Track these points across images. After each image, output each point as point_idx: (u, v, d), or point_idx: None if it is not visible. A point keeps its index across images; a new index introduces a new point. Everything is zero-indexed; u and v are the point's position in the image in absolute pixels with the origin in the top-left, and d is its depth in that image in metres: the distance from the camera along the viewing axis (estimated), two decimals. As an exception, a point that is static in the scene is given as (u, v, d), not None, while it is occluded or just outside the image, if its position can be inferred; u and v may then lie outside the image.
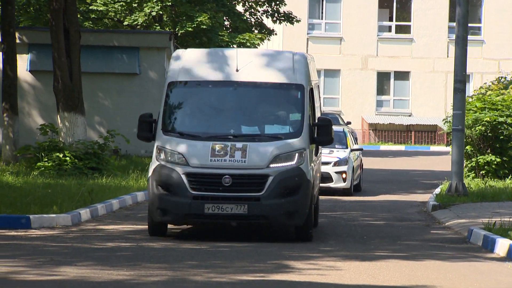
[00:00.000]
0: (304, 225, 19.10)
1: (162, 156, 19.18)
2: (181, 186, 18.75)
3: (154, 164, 19.39)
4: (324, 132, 19.89)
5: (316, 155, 22.50)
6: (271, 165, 18.78)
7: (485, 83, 44.43)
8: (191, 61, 20.62)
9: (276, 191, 18.62)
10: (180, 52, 21.38)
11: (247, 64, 20.22)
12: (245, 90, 20.54)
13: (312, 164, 20.36)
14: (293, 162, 18.99)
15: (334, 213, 29.39)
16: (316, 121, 20.63)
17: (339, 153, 32.55)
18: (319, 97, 27.55)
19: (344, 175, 33.55)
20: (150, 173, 19.53)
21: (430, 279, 17.57)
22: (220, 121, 20.40)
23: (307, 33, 71.63)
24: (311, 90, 20.62)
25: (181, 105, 20.76)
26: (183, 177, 18.64)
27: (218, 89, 20.69)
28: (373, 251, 21.01)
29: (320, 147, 23.65)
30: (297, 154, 18.99)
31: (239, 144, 19.05)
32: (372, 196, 34.18)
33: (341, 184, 33.48)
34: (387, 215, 28.63)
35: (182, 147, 19.21)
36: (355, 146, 35.59)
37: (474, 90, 43.38)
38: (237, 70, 19.72)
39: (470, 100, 37.57)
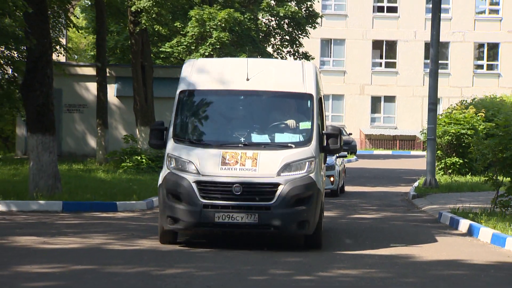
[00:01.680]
0: (314, 234, 15.59)
1: (173, 164, 15.62)
2: (191, 194, 15.17)
3: (164, 172, 15.84)
4: (333, 141, 15.99)
5: (324, 163, 18.57)
6: (282, 174, 15.20)
7: (451, 105, 44.16)
8: (202, 70, 16.92)
9: (287, 200, 15.05)
10: (191, 61, 17.73)
11: (257, 74, 16.58)
12: (255, 99, 16.85)
13: (322, 173, 16.85)
14: (304, 171, 15.36)
15: (337, 200, 29.29)
16: (326, 130, 16.81)
17: (327, 159, 29.62)
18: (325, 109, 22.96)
19: (332, 179, 30.36)
20: (160, 181, 16.00)
21: (410, 249, 17.63)
22: (231, 129, 16.61)
23: (319, 67, 70.65)
24: (320, 99, 16.91)
25: (192, 114, 16.87)
26: (194, 185, 15.12)
27: (228, 97, 16.99)
28: (368, 231, 20.97)
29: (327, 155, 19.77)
30: (307, 163, 15.40)
31: (249, 153, 15.48)
32: (368, 187, 34.13)
33: (330, 186, 30.04)
34: (379, 202, 28.64)
35: (192, 155, 15.58)
36: (340, 154, 33.31)
37: (443, 110, 43.13)
38: (247, 79, 16.22)
39: (440, 117, 37.45)
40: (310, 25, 57.47)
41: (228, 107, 17.16)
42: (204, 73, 16.92)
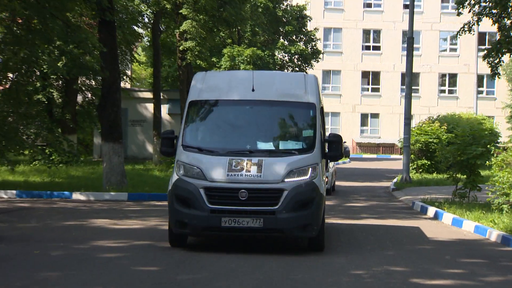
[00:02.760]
0: (317, 237, 13.32)
1: (182, 170, 13.30)
2: (199, 200, 12.86)
3: (174, 178, 13.43)
4: (335, 147, 13.89)
5: (326, 168, 16.28)
6: (286, 180, 12.93)
7: (421, 120, 44.00)
8: (211, 82, 14.57)
9: (291, 205, 12.77)
10: (201, 74, 15.19)
11: (262, 84, 14.35)
12: (260, 109, 14.33)
13: (324, 178, 14.51)
14: (307, 177, 13.07)
15: (331, 196, 29.20)
16: (327, 137, 14.48)
17: None
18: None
19: (326, 179, 28.70)
20: (170, 187, 13.53)
21: (390, 230, 17.57)
22: (237, 137, 14.23)
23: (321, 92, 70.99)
24: (321, 109, 14.75)
25: (201, 122, 14.56)
26: (201, 191, 12.86)
27: (235, 107, 14.50)
28: (358, 214, 20.99)
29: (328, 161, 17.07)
30: (310, 169, 13.16)
31: (255, 159, 13.17)
32: (358, 182, 34.03)
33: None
34: (366, 193, 28.51)
35: (200, 162, 13.25)
36: None
37: (415, 124, 43.04)
38: (253, 90, 13.98)
39: (413, 129, 37.28)
40: (314, 60, 57.87)
41: (235, 116, 14.53)
42: (213, 84, 14.46)
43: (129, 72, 52.18)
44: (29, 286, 9.95)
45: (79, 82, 39.84)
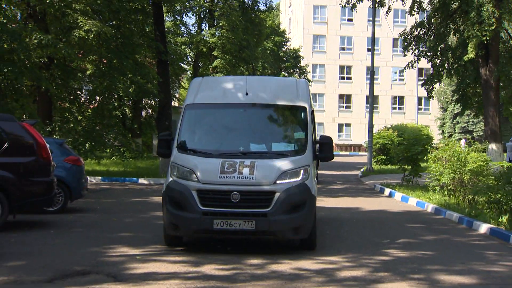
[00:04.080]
0: (309, 238, 10.35)
1: (176, 172, 10.18)
2: (191, 202, 9.74)
3: (168, 179, 10.33)
4: (326, 149, 11.00)
5: (317, 169, 12.81)
6: (278, 182, 9.84)
7: (380, 128, 44.04)
8: (206, 86, 11.41)
9: (283, 207, 9.71)
10: (199, 79, 12.00)
11: (256, 89, 11.25)
12: (254, 112, 11.20)
13: (315, 179, 11.24)
14: (299, 178, 10.01)
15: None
16: (318, 139, 11.43)
17: None
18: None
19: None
20: (164, 188, 10.37)
21: (359, 204, 17.51)
22: (231, 139, 11.01)
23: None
24: (312, 112, 11.64)
25: (196, 125, 11.26)
26: (194, 193, 9.76)
27: (229, 110, 11.27)
28: (336, 193, 20.93)
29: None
30: (302, 171, 10.10)
31: (247, 161, 10.03)
32: (336, 171, 33.93)
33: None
34: (342, 179, 28.29)
35: (193, 164, 10.07)
36: None
37: (376, 131, 42.99)
38: (246, 94, 10.96)
39: (375, 134, 37.22)
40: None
41: (229, 119, 11.11)
42: (208, 88, 11.14)
43: (177, 95, 52.24)
44: (110, 243, 10.02)
45: (143, 102, 39.88)
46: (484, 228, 12.44)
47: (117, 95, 29.79)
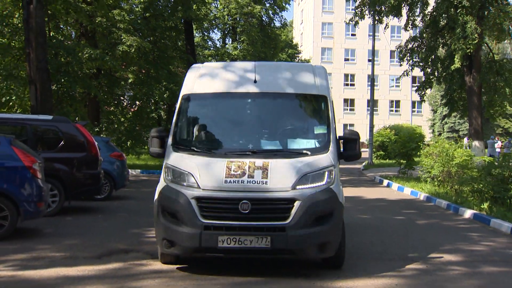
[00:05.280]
0: (336, 256, 6.66)
1: (170, 176, 6.55)
2: (190, 213, 6.12)
3: (161, 185, 6.65)
4: (352, 146, 7.26)
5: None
6: (298, 187, 6.19)
7: (379, 128, 43.83)
8: (207, 74, 7.74)
9: (305, 218, 6.07)
10: (197, 65, 8.11)
11: (265, 75, 7.56)
12: (264, 102, 7.39)
13: (341, 183, 7.04)
14: (323, 183, 6.39)
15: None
16: (343, 134, 7.45)
17: None
18: None
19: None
20: (156, 196, 6.70)
21: (361, 193, 17.44)
22: (237, 135, 7.27)
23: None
24: (332, 103, 7.62)
25: (194, 119, 7.53)
26: (192, 202, 6.14)
27: (234, 100, 7.44)
28: (342, 184, 20.87)
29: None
30: (327, 173, 6.51)
31: (259, 162, 6.39)
32: (340, 165, 33.79)
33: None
34: (346, 172, 28.14)
35: (192, 165, 6.44)
36: None
37: (376, 130, 42.74)
38: (255, 81, 7.38)
39: (375, 133, 37.02)
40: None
41: (234, 111, 7.62)
42: (209, 76, 7.65)
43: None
44: (148, 226, 9.99)
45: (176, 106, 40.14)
46: (468, 213, 12.37)
47: (154, 100, 29.90)
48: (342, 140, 7.18)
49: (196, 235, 6.09)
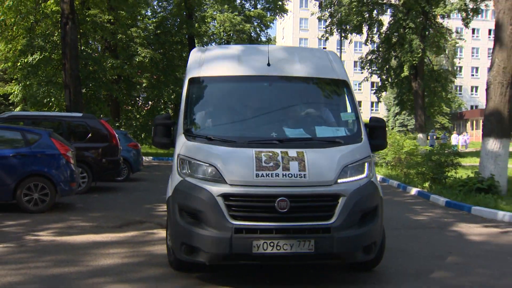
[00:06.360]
0: (375, 258, 4.27)
1: (186, 169, 3.91)
2: (216, 213, 3.62)
3: (175, 180, 3.95)
4: (379, 134, 4.56)
5: None
6: (340, 181, 3.77)
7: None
8: (214, 56, 4.99)
9: (351, 217, 3.70)
10: (201, 48, 5.36)
11: (279, 59, 4.81)
12: (282, 86, 4.56)
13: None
14: (364, 175, 4.01)
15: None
16: (369, 121, 4.73)
17: None
18: None
19: None
20: (170, 192, 4.09)
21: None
22: (256, 122, 4.41)
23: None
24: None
25: (207, 104, 4.63)
26: (219, 199, 3.61)
27: (249, 84, 4.56)
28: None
29: None
30: (367, 164, 4.10)
31: (292, 152, 3.76)
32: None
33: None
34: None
35: (213, 156, 3.82)
36: None
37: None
38: (268, 65, 4.59)
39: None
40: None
41: (250, 96, 4.93)
42: (218, 58, 5.20)
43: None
44: (159, 202, 9.96)
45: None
46: (414, 191, 12.52)
47: (163, 100, 30.01)
48: (368, 128, 5.00)
49: (226, 240, 3.98)
